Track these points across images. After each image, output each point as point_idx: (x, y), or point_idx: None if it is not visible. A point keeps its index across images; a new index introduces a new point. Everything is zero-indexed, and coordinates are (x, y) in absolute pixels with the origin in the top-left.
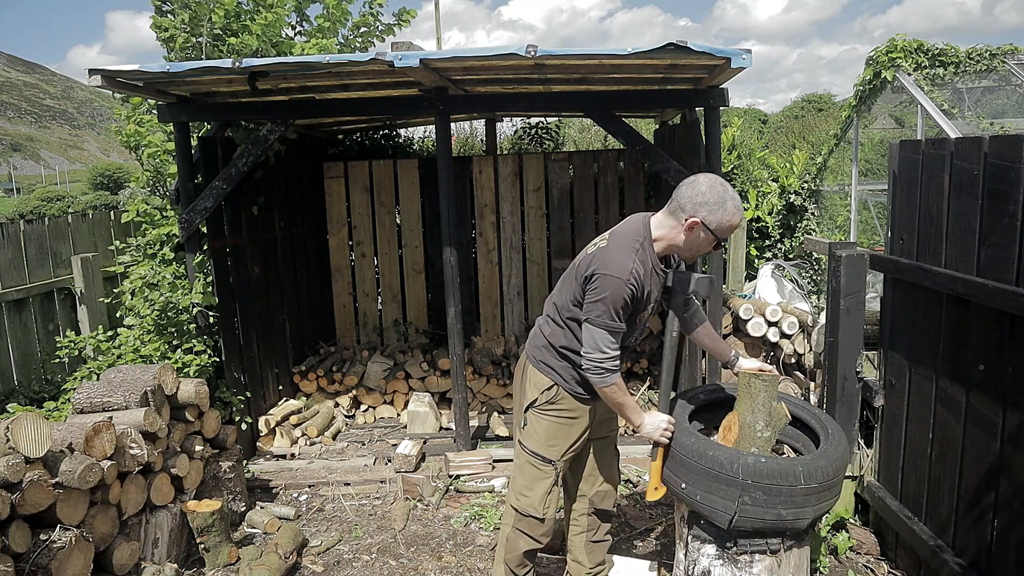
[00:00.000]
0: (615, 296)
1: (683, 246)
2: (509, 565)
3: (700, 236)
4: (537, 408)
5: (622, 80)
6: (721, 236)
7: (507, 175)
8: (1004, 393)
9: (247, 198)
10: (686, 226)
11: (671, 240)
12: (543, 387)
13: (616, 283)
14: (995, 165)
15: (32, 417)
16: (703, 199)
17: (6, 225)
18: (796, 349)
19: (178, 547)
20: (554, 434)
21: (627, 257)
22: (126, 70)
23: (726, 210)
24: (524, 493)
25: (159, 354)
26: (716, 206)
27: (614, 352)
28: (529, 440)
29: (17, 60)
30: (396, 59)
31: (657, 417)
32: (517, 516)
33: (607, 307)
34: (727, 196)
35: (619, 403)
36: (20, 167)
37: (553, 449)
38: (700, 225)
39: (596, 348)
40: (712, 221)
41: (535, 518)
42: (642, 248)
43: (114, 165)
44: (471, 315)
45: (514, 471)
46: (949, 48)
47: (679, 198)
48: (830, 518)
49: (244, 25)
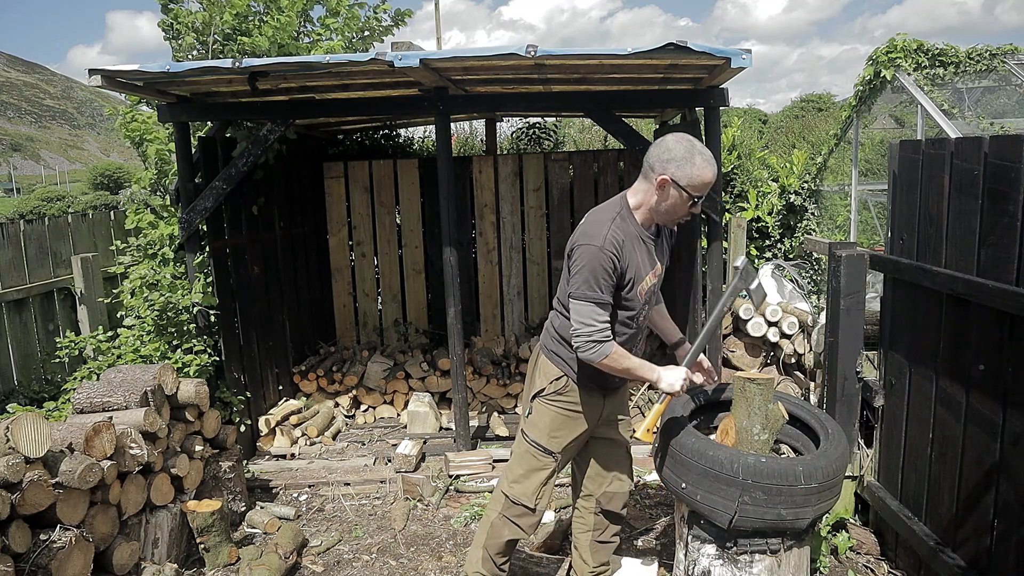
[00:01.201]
0: (593, 265)
1: (659, 208)
2: (489, 551)
3: (672, 194)
4: (544, 397)
5: (622, 80)
6: (694, 192)
7: (507, 175)
8: (1004, 393)
9: (247, 198)
10: (657, 184)
11: (648, 204)
12: (552, 377)
13: (592, 251)
14: (995, 165)
15: (32, 417)
16: (670, 155)
17: (6, 225)
18: (796, 349)
19: (178, 547)
20: (559, 425)
21: (603, 226)
22: (126, 70)
23: (695, 164)
24: (519, 481)
25: (159, 354)
26: (684, 161)
27: (602, 324)
28: (532, 429)
29: (17, 60)
30: (396, 59)
31: (675, 371)
32: (507, 503)
33: (588, 276)
34: (695, 150)
35: (625, 368)
36: (20, 167)
37: (555, 440)
38: (670, 183)
39: (583, 322)
40: (682, 176)
41: (526, 507)
42: (619, 217)
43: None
44: (471, 315)
45: (511, 459)
46: (949, 48)
47: (648, 159)
48: (830, 518)
49: (256, 25)
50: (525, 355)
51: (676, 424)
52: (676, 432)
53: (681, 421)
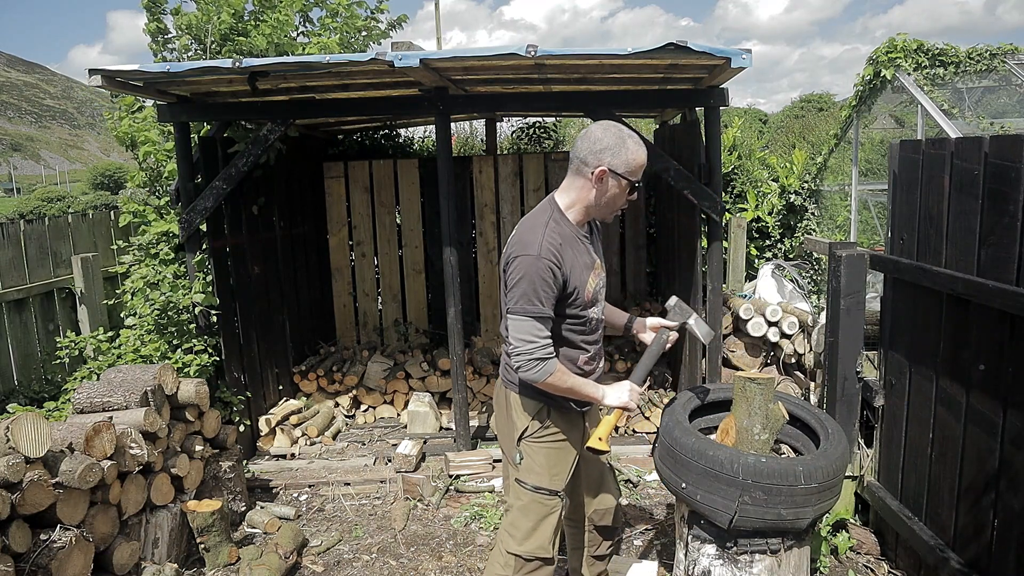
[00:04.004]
0: (532, 276)
1: (598, 202)
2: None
3: (612, 184)
4: (531, 438)
5: (622, 80)
6: (632, 178)
7: (507, 175)
8: (1004, 393)
9: (247, 198)
10: (594, 178)
11: (585, 201)
12: (532, 412)
13: (528, 261)
14: (995, 165)
15: (32, 417)
16: (602, 145)
17: (6, 225)
18: (796, 349)
19: (178, 547)
20: (555, 461)
21: (537, 233)
22: (126, 70)
23: (629, 149)
24: (530, 536)
25: (159, 354)
26: (617, 148)
27: (544, 340)
28: (530, 475)
29: (17, 60)
30: (396, 59)
31: (620, 386)
32: (520, 563)
33: (526, 289)
34: (625, 135)
35: (570, 387)
36: (20, 167)
37: (557, 478)
38: (608, 172)
39: (523, 339)
40: (618, 164)
41: (543, 560)
42: (553, 220)
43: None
44: (471, 315)
45: (513, 514)
46: (949, 48)
47: (578, 154)
48: (830, 518)
49: (253, 24)
50: None
51: (676, 424)
52: (676, 432)
53: (681, 421)
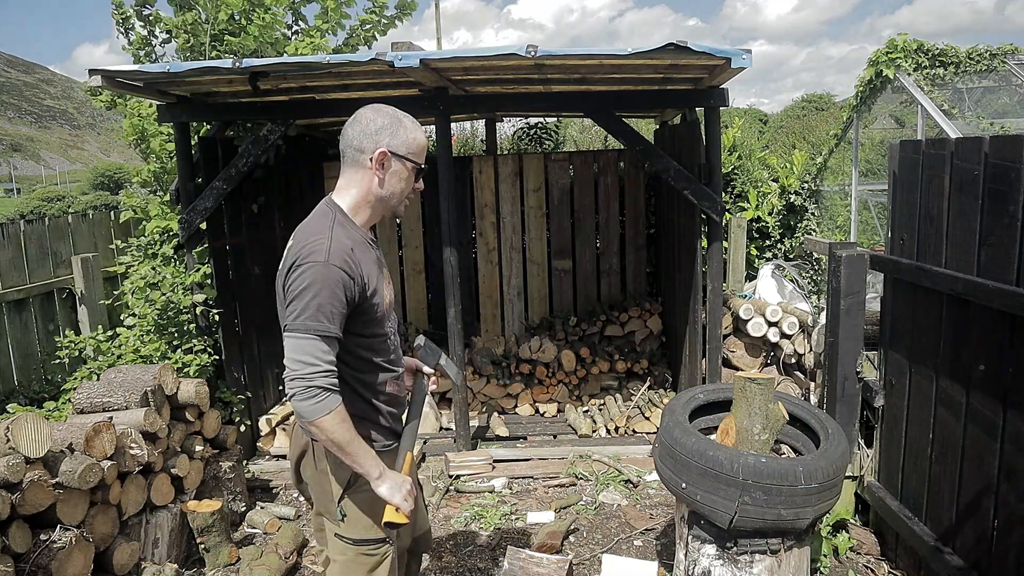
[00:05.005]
0: (319, 286)
1: (384, 191)
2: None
3: (396, 168)
4: (352, 491)
5: (622, 80)
6: (416, 159)
7: (507, 175)
8: (1004, 393)
9: (247, 198)
10: (376, 165)
11: (369, 196)
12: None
13: (316, 269)
14: (995, 165)
15: (32, 417)
16: (376, 126)
17: (6, 225)
18: (796, 349)
19: (178, 547)
20: (380, 508)
21: (322, 237)
22: (126, 70)
23: (406, 127)
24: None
25: (159, 354)
26: (394, 127)
27: (328, 365)
28: (355, 529)
29: (17, 60)
30: (396, 59)
31: (398, 477)
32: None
33: (310, 301)
34: (400, 115)
35: (343, 442)
36: (20, 167)
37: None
38: (389, 155)
39: (302, 361)
40: (399, 144)
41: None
42: (337, 223)
43: (114, 165)
44: (471, 315)
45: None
46: (949, 48)
47: (351, 143)
48: (830, 518)
49: (242, 25)
50: (525, 355)
51: (676, 424)
52: (676, 432)
53: (681, 421)
